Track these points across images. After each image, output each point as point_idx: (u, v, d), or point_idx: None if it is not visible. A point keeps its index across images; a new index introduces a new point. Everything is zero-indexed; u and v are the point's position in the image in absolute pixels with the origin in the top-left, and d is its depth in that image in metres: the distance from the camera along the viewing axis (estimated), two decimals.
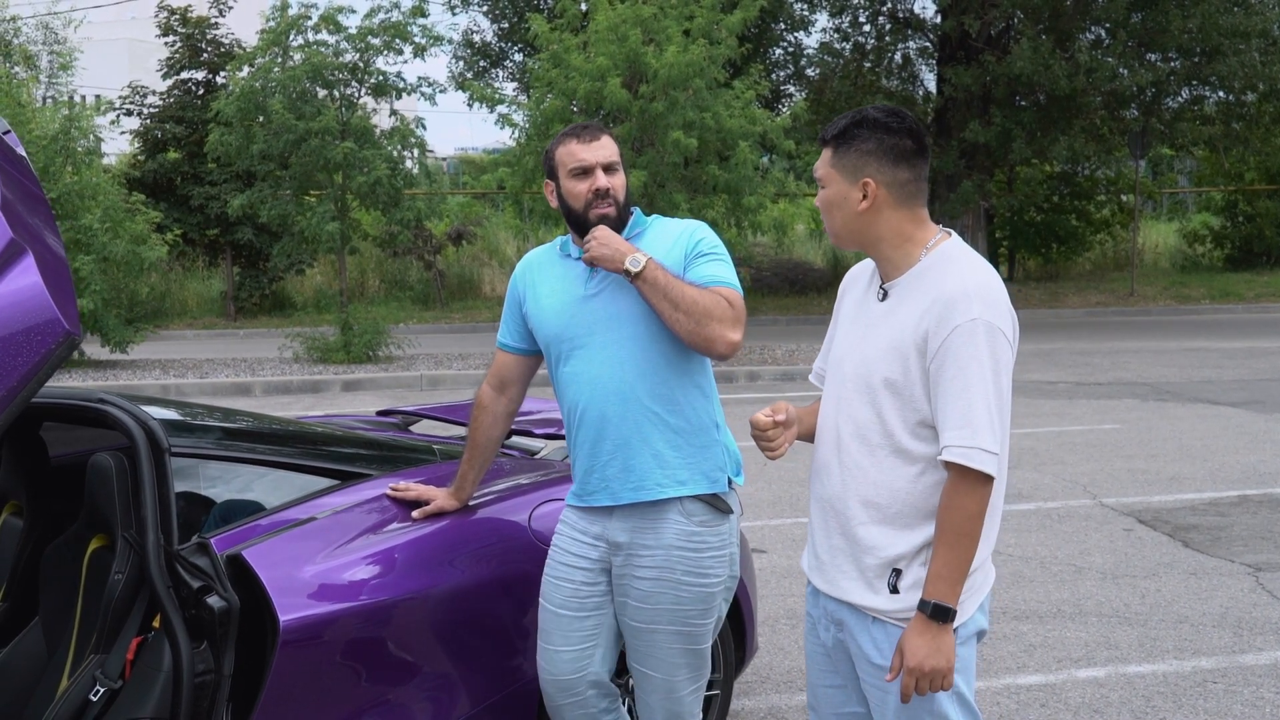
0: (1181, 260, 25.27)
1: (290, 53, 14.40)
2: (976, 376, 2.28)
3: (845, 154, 2.42)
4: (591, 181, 3.00)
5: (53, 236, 2.38)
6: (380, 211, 14.66)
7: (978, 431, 2.27)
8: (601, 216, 2.98)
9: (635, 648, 3.03)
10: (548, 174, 3.10)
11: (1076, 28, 19.92)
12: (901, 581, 2.38)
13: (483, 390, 3.23)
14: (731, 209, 14.50)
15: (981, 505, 2.31)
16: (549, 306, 3.06)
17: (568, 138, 3.05)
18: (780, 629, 5.12)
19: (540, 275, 3.12)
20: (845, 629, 2.49)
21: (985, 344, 2.29)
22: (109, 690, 2.81)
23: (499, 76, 23.63)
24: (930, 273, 2.39)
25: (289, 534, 3.01)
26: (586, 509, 3.03)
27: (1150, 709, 4.28)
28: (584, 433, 2.99)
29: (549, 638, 3.05)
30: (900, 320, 2.38)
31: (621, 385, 2.94)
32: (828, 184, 2.45)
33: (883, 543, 2.40)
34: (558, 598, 3.03)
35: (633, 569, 2.96)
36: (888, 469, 2.39)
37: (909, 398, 2.36)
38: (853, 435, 2.44)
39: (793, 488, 7.64)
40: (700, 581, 2.96)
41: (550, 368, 3.10)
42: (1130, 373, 13.05)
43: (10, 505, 3.57)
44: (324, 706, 2.95)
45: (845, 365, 2.49)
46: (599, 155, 3.01)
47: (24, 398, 2.16)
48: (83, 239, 13.58)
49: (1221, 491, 7.51)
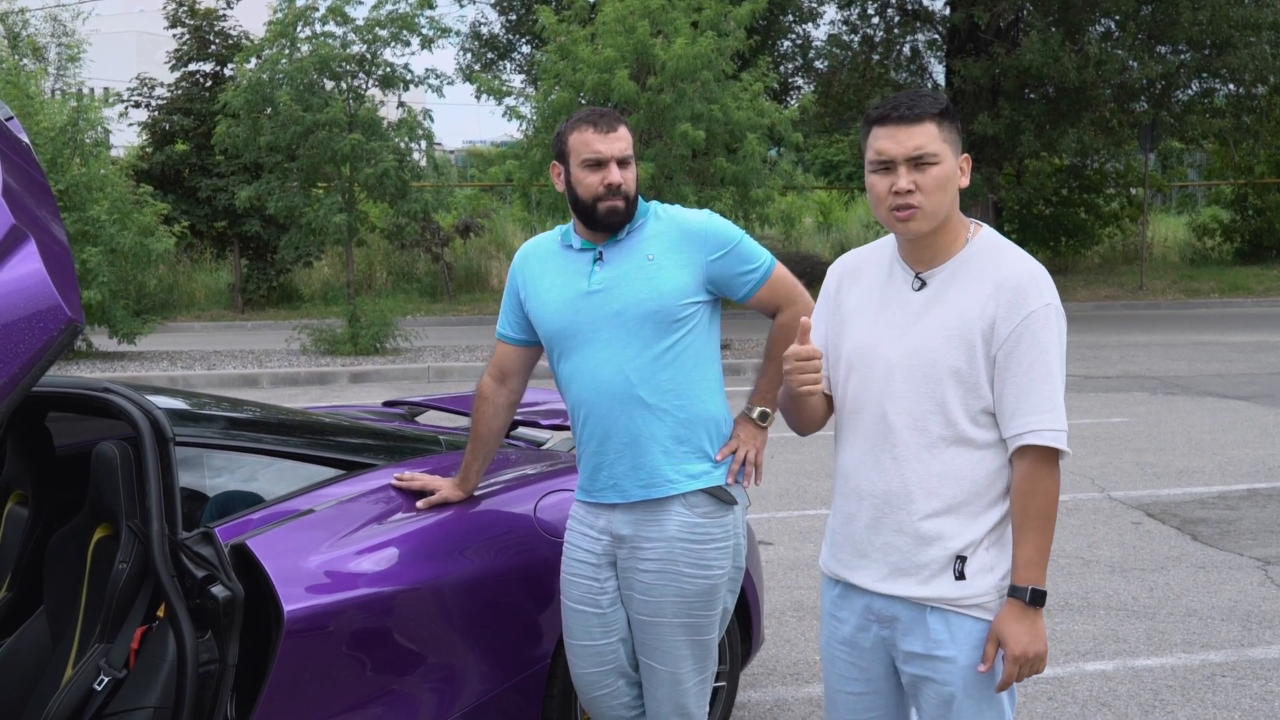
0: (1191, 254, 25.17)
1: (297, 44, 14.40)
2: (1054, 361, 2.30)
3: (952, 128, 2.34)
4: (605, 175, 2.92)
5: (55, 223, 2.37)
6: (388, 204, 14.66)
7: (1060, 416, 2.31)
8: (611, 210, 2.92)
9: (641, 640, 3.01)
10: (557, 156, 3.02)
11: (1086, 20, 19.85)
12: (968, 568, 2.35)
13: (484, 381, 3.19)
14: (739, 201, 14.47)
15: (1058, 486, 2.34)
16: (551, 301, 3.00)
17: (584, 124, 2.96)
18: (787, 621, 5.10)
19: (541, 267, 3.06)
20: (895, 626, 2.42)
21: (1056, 330, 2.32)
22: (113, 679, 2.81)
23: (507, 69, 23.62)
24: (979, 259, 2.36)
25: (294, 524, 3.00)
26: (593, 504, 3.01)
27: (1158, 702, 4.27)
28: (590, 430, 2.96)
29: (571, 633, 3.04)
30: (958, 308, 2.33)
31: (626, 385, 2.90)
32: (942, 159, 2.32)
33: (949, 533, 2.35)
34: (575, 594, 3.03)
35: (636, 561, 2.95)
36: (950, 458, 2.35)
37: (973, 385, 2.33)
38: (909, 427, 2.37)
39: (800, 480, 7.62)
40: (703, 574, 2.93)
41: (551, 362, 3.06)
42: (1139, 366, 13.02)
43: (16, 495, 3.58)
44: (328, 696, 2.95)
45: (885, 355, 2.39)
46: (615, 148, 2.93)
47: (26, 385, 2.15)
48: (90, 231, 13.59)
49: (1230, 485, 7.48)
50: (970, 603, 2.35)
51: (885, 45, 22.23)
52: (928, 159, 2.31)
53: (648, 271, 2.94)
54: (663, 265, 2.95)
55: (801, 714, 4.20)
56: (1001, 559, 2.36)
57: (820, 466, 7.79)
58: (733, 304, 3.11)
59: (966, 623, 2.36)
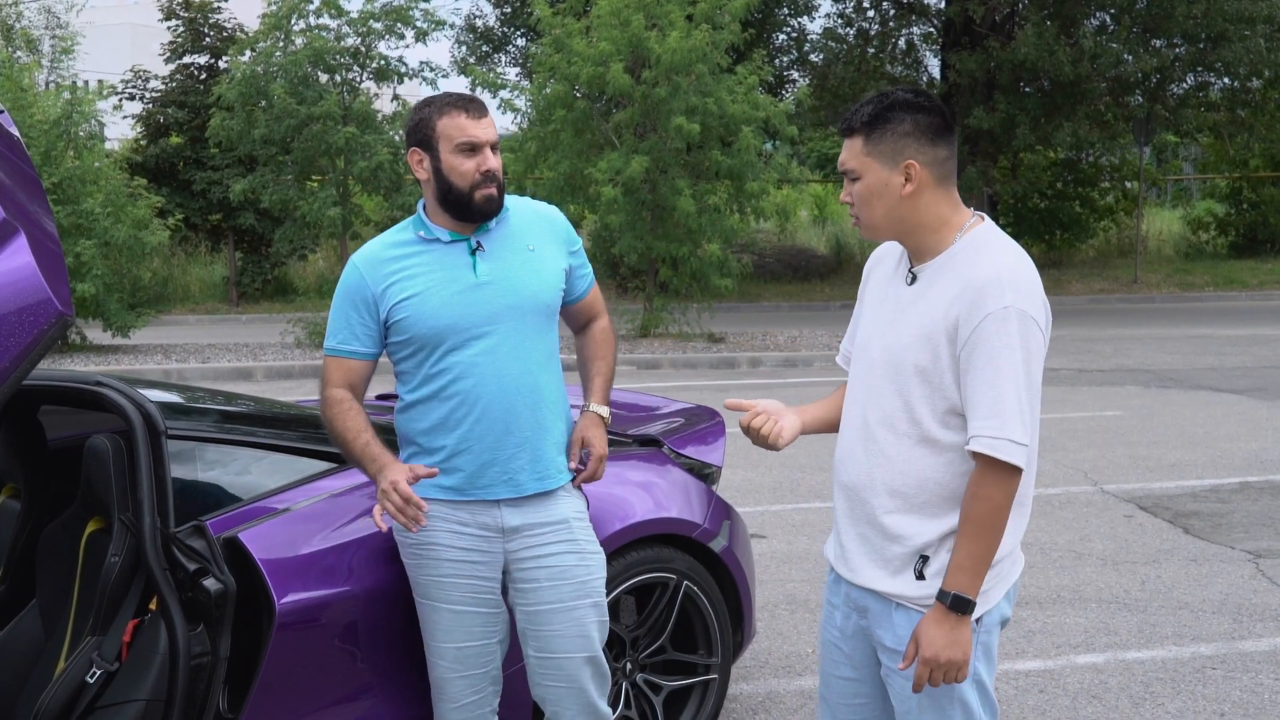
0: (1185, 247, 25.20)
1: (292, 37, 14.38)
2: (1008, 366, 2.23)
3: (881, 139, 2.32)
4: (481, 160, 2.82)
5: (46, 217, 2.37)
6: (382, 197, 14.64)
7: (1006, 422, 2.23)
8: (487, 198, 2.83)
9: (550, 633, 2.90)
10: (419, 143, 2.87)
11: (1081, 13, 19.86)
12: (928, 568, 2.34)
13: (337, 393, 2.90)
14: (734, 195, 14.48)
15: (1007, 497, 2.26)
16: (433, 298, 2.83)
17: (453, 109, 2.84)
18: (779, 614, 5.12)
19: (401, 268, 2.86)
20: (868, 616, 2.45)
21: (1017, 332, 2.24)
22: (106, 672, 2.82)
23: (501, 62, 23.60)
24: (961, 257, 2.33)
25: (286, 517, 3.01)
26: (472, 501, 2.88)
27: (1149, 695, 4.28)
28: (484, 426, 2.84)
29: (450, 636, 2.90)
30: (930, 306, 2.32)
31: (527, 378, 2.87)
32: (864, 173, 2.34)
33: (909, 531, 2.36)
34: (454, 595, 2.89)
35: (537, 548, 2.89)
36: (915, 458, 2.35)
37: (938, 385, 2.31)
38: (879, 422, 2.38)
39: (793, 473, 7.64)
40: (598, 551, 3.00)
41: (424, 358, 2.87)
42: (1133, 359, 13.04)
43: (8, 488, 3.58)
44: (320, 689, 2.96)
45: (873, 350, 2.42)
46: (489, 134, 2.84)
47: (16, 378, 2.15)
48: (84, 224, 13.56)
49: (1223, 478, 7.50)
50: (925, 603, 2.34)
51: (880, 39, 22.23)
52: (850, 174, 2.36)
53: (533, 263, 2.92)
54: (544, 256, 2.94)
55: (793, 706, 4.21)
56: None
57: (813, 460, 7.80)
58: (727, 299, 3.14)
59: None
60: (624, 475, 3.54)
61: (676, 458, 3.83)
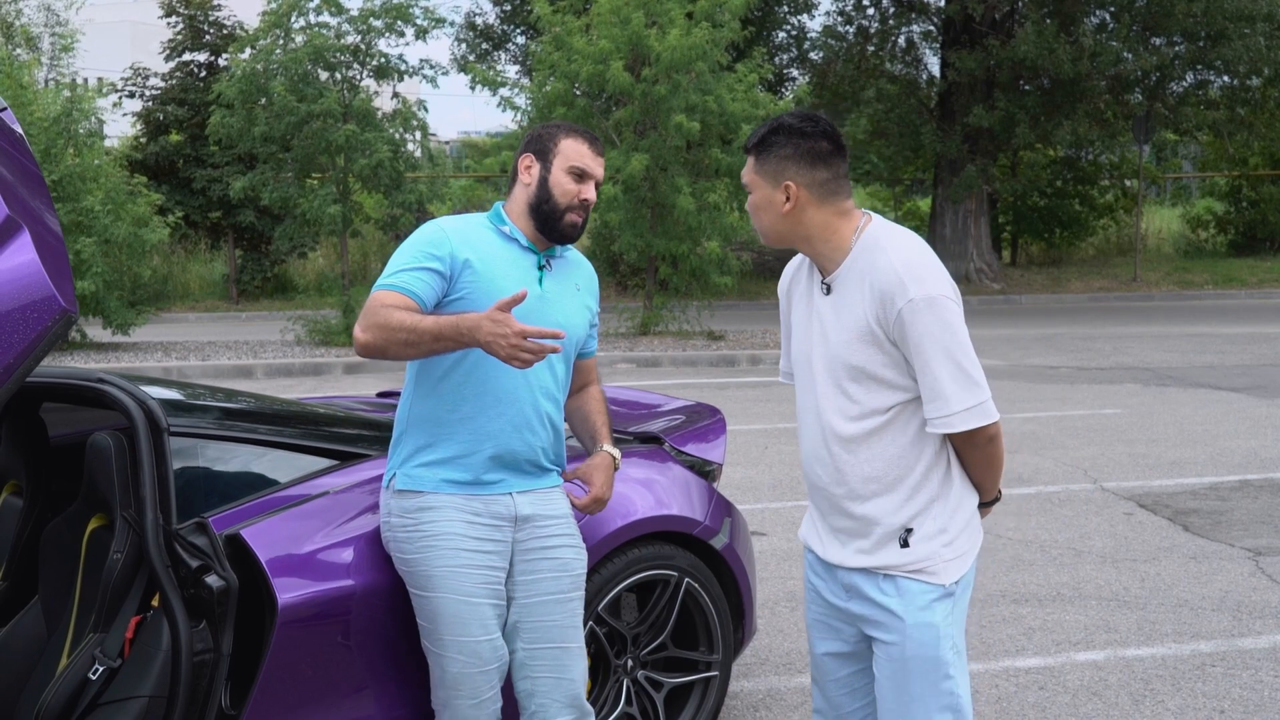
0: (1185, 246, 25.21)
1: (292, 35, 14.37)
2: (931, 351, 2.44)
3: (766, 161, 2.54)
4: (584, 188, 2.99)
5: (49, 214, 2.37)
6: (382, 194, 14.64)
7: (949, 401, 2.45)
8: (573, 224, 2.99)
9: (549, 623, 2.96)
10: (535, 151, 3.01)
11: (1081, 11, 19.85)
12: (913, 537, 2.54)
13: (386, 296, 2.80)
14: (734, 193, 14.47)
15: (990, 441, 2.51)
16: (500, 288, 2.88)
17: (580, 137, 3.02)
18: (780, 611, 5.12)
19: (487, 254, 2.94)
20: (854, 592, 2.61)
21: (930, 317, 2.43)
22: (108, 669, 2.82)
23: (501, 59, 23.60)
24: (861, 260, 2.51)
25: (288, 513, 3.01)
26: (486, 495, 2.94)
27: (1149, 692, 4.29)
28: (510, 421, 2.93)
29: (466, 630, 2.89)
30: (850, 311, 2.52)
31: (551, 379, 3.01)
32: (753, 189, 2.57)
33: (888, 511, 2.54)
34: (467, 586, 2.90)
35: (543, 540, 2.99)
36: (878, 444, 2.53)
37: (881, 379, 2.51)
38: (836, 423, 2.56)
39: (794, 470, 7.64)
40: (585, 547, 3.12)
41: None
42: (1132, 358, 13.04)
43: (10, 484, 3.58)
44: (323, 686, 2.96)
45: (814, 362, 2.60)
46: (600, 171, 3.04)
47: (20, 375, 2.16)
48: (84, 221, 13.56)
49: (1222, 476, 7.51)
50: (915, 567, 2.54)
51: (880, 37, 22.21)
52: (745, 189, 2.61)
53: (576, 302, 3.09)
54: (583, 301, 3.12)
55: (793, 703, 4.22)
56: (949, 521, 2.55)
57: None
58: (727, 296, 3.19)
59: (913, 585, 2.54)
60: (625, 473, 3.54)
61: (677, 455, 3.85)
